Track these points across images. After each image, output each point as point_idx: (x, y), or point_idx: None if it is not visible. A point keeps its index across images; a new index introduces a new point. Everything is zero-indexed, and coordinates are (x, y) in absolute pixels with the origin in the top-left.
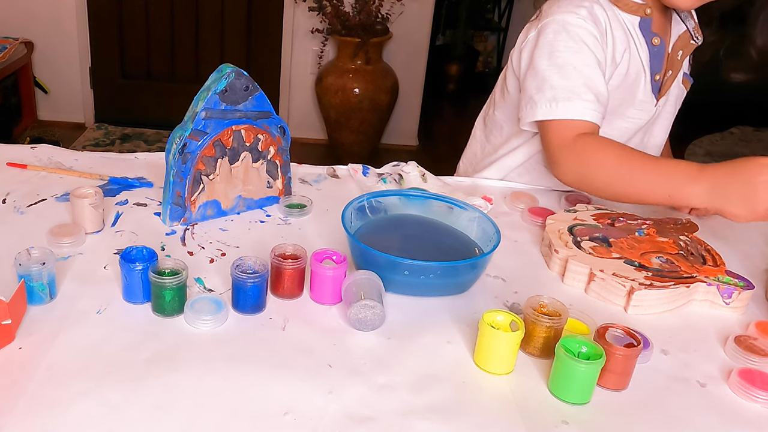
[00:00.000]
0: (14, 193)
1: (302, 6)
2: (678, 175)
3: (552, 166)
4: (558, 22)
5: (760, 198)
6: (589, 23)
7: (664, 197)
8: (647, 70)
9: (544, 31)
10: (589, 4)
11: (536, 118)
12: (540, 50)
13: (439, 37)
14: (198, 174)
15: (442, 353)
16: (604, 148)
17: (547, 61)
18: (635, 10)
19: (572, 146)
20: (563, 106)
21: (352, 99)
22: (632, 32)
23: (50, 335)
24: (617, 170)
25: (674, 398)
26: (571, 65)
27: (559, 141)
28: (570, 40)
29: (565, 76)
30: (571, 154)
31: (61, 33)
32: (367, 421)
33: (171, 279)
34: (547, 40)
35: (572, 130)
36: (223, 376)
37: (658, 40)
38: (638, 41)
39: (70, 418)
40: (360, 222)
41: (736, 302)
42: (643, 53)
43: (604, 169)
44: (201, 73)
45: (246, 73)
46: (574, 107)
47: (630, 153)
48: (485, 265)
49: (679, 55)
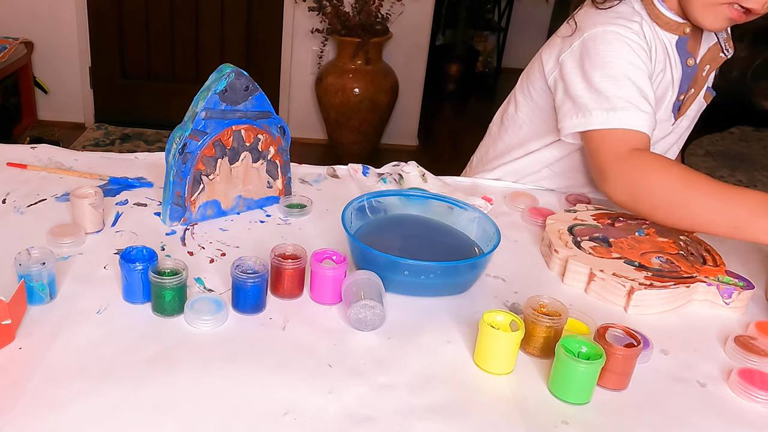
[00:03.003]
0: (14, 193)
1: (302, 6)
2: (747, 207)
3: (601, 181)
4: (610, 33)
5: None
6: (641, 39)
7: (729, 229)
8: (675, 90)
9: (594, 42)
10: (639, 19)
11: (591, 126)
12: (592, 60)
13: (439, 37)
14: (198, 174)
15: (442, 353)
16: (664, 168)
17: (601, 72)
18: (674, 28)
19: (627, 161)
20: (621, 116)
21: (352, 99)
22: (669, 52)
23: (50, 335)
24: (678, 194)
25: (674, 398)
26: (626, 76)
27: (612, 153)
28: (624, 51)
29: (622, 87)
30: (627, 169)
31: (61, 33)
32: (367, 421)
33: (171, 279)
34: (598, 50)
35: (627, 143)
36: (223, 376)
37: (692, 61)
38: (674, 61)
39: (70, 417)
40: (360, 222)
41: (736, 302)
42: (676, 73)
43: (662, 191)
44: (201, 73)
45: (246, 73)
46: (632, 117)
47: (695, 177)
48: (485, 265)
49: (705, 70)
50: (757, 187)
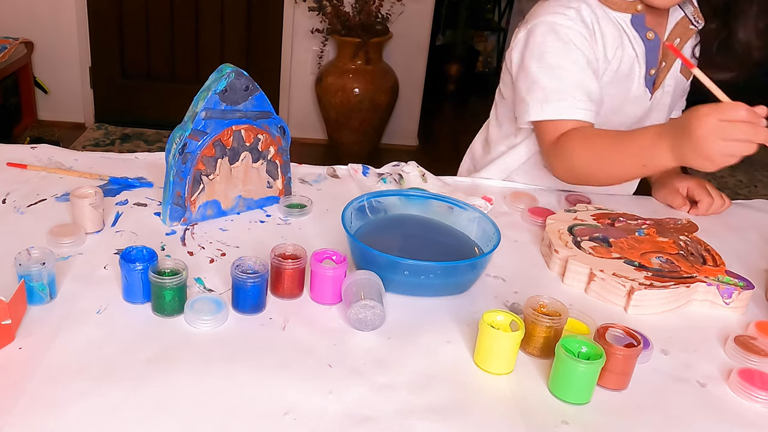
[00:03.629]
0: (14, 193)
1: (302, 6)
2: (645, 143)
3: (547, 166)
4: (547, 24)
5: (711, 151)
6: (577, 23)
7: (640, 168)
8: (642, 65)
9: (534, 33)
10: (577, 4)
11: (529, 119)
12: (530, 52)
13: (439, 37)
14: (198, 174)
15: (442, 353)
16: (580, 140)
17: (537, 63)
18: (626, 8)
19: (556, 146)
20: (554, 107)
21: (352, 99)
22: (625, 29)
23: (50, 335)
24: (595, 161)
25: (674, 398)
26: (560, 66)
27: (548, 142)
28: (559, 41)
29: (556, 77)
30: (558, 153)
31: (61, 33)
32: (367, 421)
33: (171, 279)
34: (536, 41)
35: (560, 129)
36: (223, 376)
37: (652, 35)
38: (632, 37)
39: (70, 417)
40: (360, 222)
41: (736, 302)
42: (638, 48)
43: (584, 161)
44: (201, 73)
45: (246, 73)
46: (564, 108)
47: (601, 138)
48: (485, 265)
49: (676, 43)
50: (758, 187)
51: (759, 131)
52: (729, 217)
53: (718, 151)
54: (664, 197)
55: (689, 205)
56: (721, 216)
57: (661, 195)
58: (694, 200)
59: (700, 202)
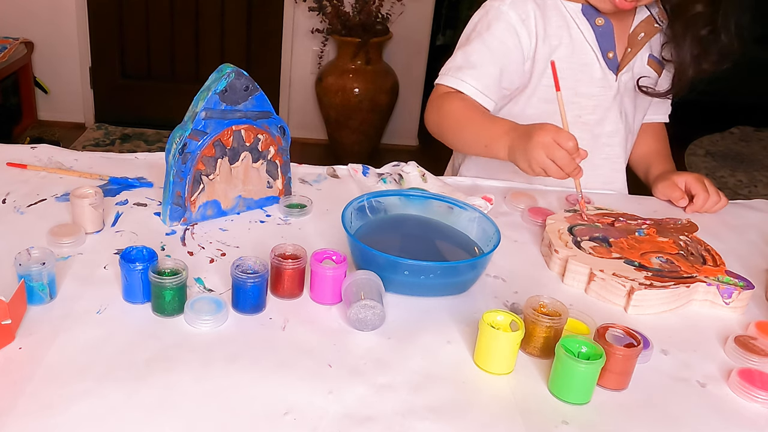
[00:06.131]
0: (14, 193)
1: (302, 6)
2: (493, 131)
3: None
4: (485, 7)
5: (534, 158)
6: (511, 10)
7: (482, 148)
8: (596, 48)
9: (475, 14)
10: None
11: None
12: (465, 29)
13: (439, 37)
14: (198, 174)
15: (442, 353)
16: (454, 101)
17: (461, 41)
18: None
19: (436, 101)
20: (451, 77)
21: (352, 99)
22: (573, 16)
23: (50, 335)
24: (456, 121)
25: (674, 398)
26: (472, 47)
27: (433, 96)
28: (484, 23)
29: (467, 53)
30: (436, 104)
31: (61, 33)
32: (367, 421)
33: (171, 279)
34: (472, 21)
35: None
36: (223, 376)
37: (601, 20)
38: (580, 23)
39: (70, 417)
40: (360, 222)
41: (736, 302)
42: (588, 34)
43: (448, 120)
44: (201, 73)
45: (246, 73)
46: (458, 80)
47: (471, 108)
48: (485, 265)
49: (640, 36)
50: (758, 187)
51: (572, 165)
52: (729, 217)
53: (539, 161)
54: (663, 190)
55: (687, 198)
56: (721, 216)
57: (660, 189)
58: (692, 195)
59: (696, 197)
